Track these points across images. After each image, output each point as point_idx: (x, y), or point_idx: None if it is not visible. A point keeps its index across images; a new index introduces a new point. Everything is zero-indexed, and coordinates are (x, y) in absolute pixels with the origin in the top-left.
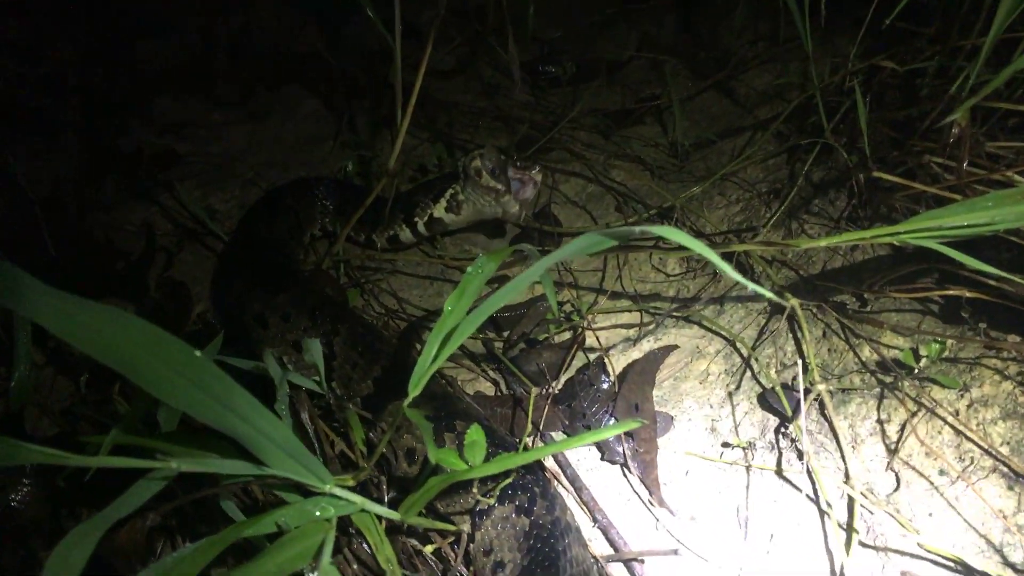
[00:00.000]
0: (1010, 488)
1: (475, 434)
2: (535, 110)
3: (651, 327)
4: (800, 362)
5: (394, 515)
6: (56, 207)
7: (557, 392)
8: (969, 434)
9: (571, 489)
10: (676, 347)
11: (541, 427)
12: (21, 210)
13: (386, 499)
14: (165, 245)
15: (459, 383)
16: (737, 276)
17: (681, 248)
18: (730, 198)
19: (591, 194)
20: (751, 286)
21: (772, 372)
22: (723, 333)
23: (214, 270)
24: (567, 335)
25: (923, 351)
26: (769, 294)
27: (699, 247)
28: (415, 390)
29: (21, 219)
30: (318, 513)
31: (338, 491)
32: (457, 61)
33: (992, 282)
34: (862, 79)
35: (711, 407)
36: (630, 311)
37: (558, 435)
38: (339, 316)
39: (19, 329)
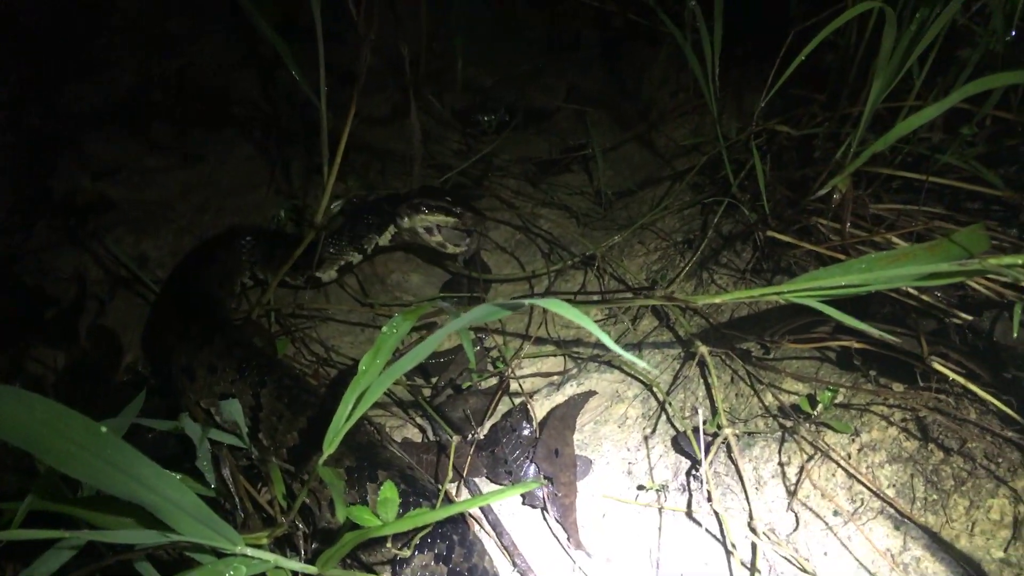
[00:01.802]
0: (896, 528)
1: (388, 491)
2: (466, 158)
3: (574, 372)
4: (709, 406)
5: (311, 569)
6: None
7: (482, 438)
8: (859, 477)
9: (492, 534)
10: (596, 393)
11: (465, 473)
12: None
13: (310, 551)
14: (96, 293)
15: (387, 430)
16: (614, 346)
17: (602, 299)
18: (649, 247)
19: (519, 241)
20: (617, 349)
21: (685, 416)
22: (641, 378)
23: (146, 321)
24: (493, 380)
25: (818, 398)
26: (643, 363)
27: (580, 318)
28: (329, 448)
29: None
30: (230, 574)
31: (249, 551)
32: (391, 108)
33: (876, 334)
34: (765, 139)
35: (628, 450)
36: (554, 355)
37: (481, 481)
38: (266, 368)
39: None
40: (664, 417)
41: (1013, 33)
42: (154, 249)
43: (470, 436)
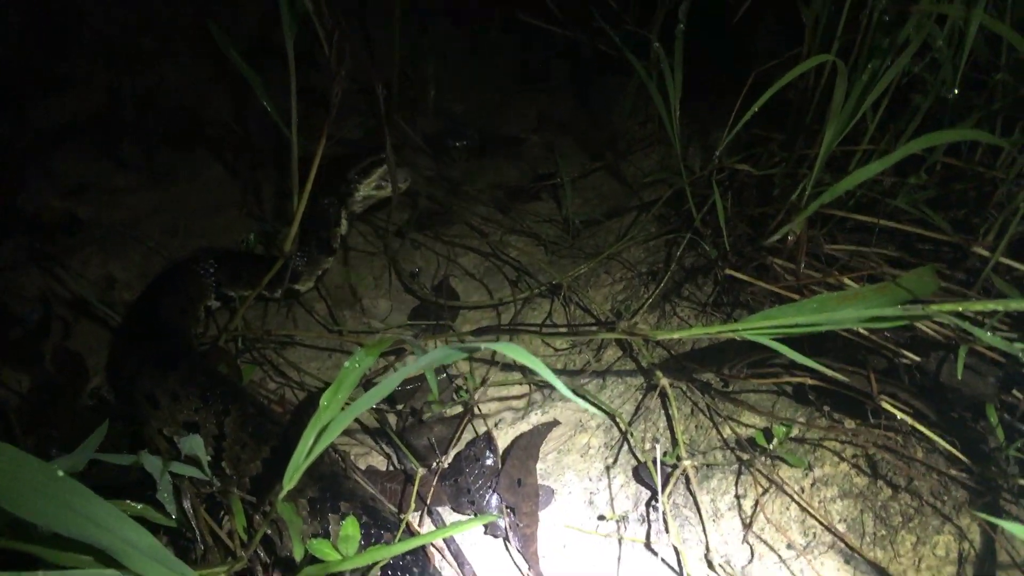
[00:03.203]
0: (847, 563)
1: (349, 527)
2: (437, 184)
3: (538, 400)
4: (669, 437)
5: None
6: None
7: (446, 467)
8: (812, 511)
9: (454, 565)
10: (559, 423)
11: (428, 503)
12: None
13: None
14: (63, 314)
15: (352, 457)
16: (569, 393)
17: (568, 331)
18: (615, 276)
19: (488, 268)
20: (568, 394)
21: (647, 446)
22: (604, 408)
23: (110, 347)
24: (459, 408)
25: (774, 432)
26: (593, 408)
27: (535, 364)
28: (289, 484)
29: None
30: None
31: None
32: (364, 132)
33: (827, 373)
34: (727, 175)
35: (590, 480)
36: (519, 383)
37: (444, 510)
38: (230, 396)
39: None
40: (626, 447)
41: (956, 91)
42: (122, 271)
43: (434, 464)
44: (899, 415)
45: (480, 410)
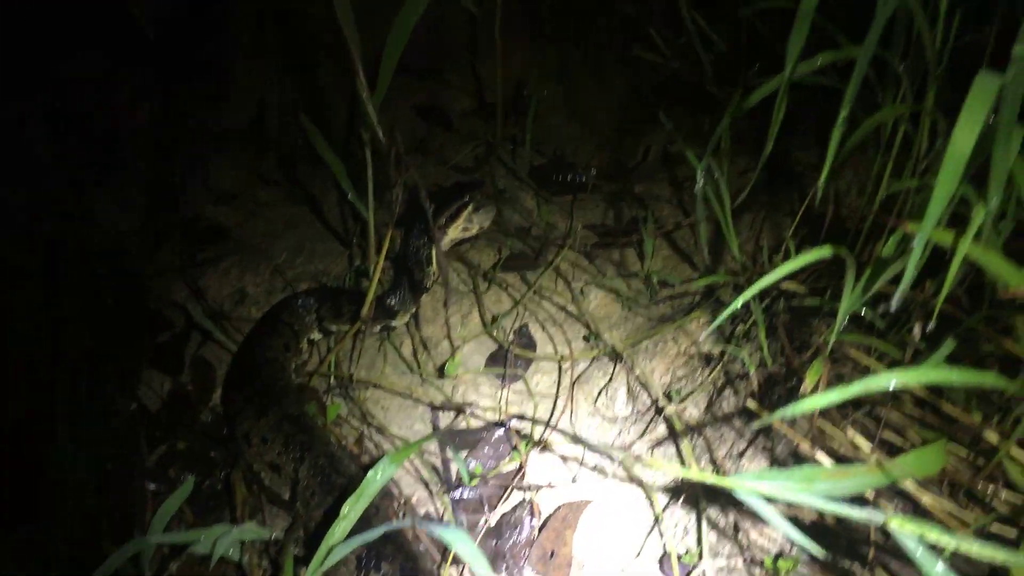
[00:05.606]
0: None
1: None
2: (534, 222)
3: (584, 471)
4: (696, 534)
5: None
6: (119, 269)
7: (492, 526)
8: None
9: None
10: (598, 499)
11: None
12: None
13: None
14: (201, 323)
15: (414, 501)
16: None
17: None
18: (680, 346)
19: (564, 320)
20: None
21: (676, 535)
22: (644, 491)
23: (227, 369)
24: (516, 464)
25: (780, 564)
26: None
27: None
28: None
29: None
30: None
31: None
32: (475, 159)
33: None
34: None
35: (620, 559)
36: (571, 450)
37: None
38: (307, 444)
39: None
40: (657, 533)
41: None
42: (253, 286)
43: (481, 521)
44: None
45: (529, 474)
